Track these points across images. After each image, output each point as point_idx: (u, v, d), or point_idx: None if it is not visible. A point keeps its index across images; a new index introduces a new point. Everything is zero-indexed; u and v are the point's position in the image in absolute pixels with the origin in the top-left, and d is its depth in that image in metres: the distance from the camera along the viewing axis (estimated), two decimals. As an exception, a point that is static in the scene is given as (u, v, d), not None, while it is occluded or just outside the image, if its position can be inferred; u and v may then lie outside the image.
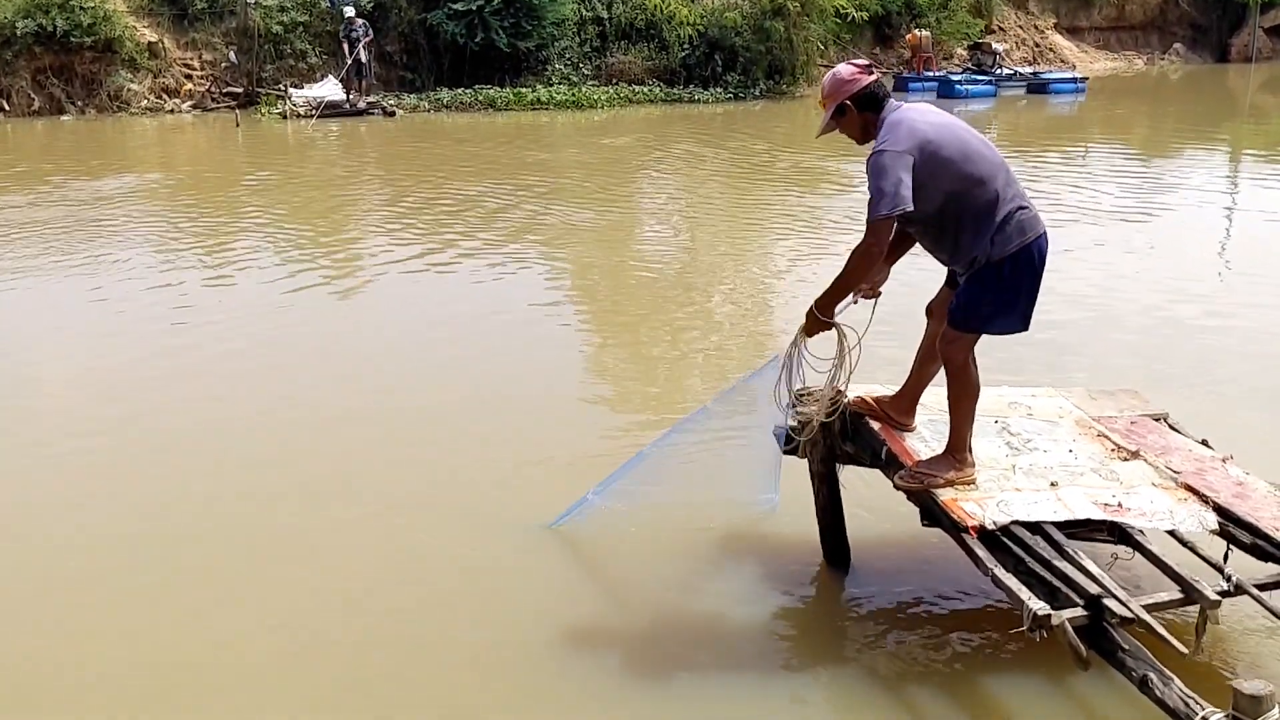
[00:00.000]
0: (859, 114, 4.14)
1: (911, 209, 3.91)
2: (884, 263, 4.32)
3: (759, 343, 8.25)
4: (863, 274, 4.09)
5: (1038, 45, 33.15)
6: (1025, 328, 4.22)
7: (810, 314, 4.18)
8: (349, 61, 21.74)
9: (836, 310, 4.18)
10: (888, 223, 3.94)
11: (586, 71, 24.94)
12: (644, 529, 5.04)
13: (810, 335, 4.24)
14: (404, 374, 7.41)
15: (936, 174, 3.97)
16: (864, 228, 4.01)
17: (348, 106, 21.65)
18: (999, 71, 28.07)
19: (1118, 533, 4.10)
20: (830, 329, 4.21)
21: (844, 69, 4.19)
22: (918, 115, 4.11)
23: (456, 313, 8.91)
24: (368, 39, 21.75)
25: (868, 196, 3.98)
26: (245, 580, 4.85)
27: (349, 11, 21.77)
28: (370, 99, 22.02)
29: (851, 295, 4.26)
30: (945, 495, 4.12)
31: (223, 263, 10.71)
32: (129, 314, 8.88)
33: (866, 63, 4.27)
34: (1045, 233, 4.13)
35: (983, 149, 4.09)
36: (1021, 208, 4.07)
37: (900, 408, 4.54)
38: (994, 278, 4.07)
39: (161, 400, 6.97)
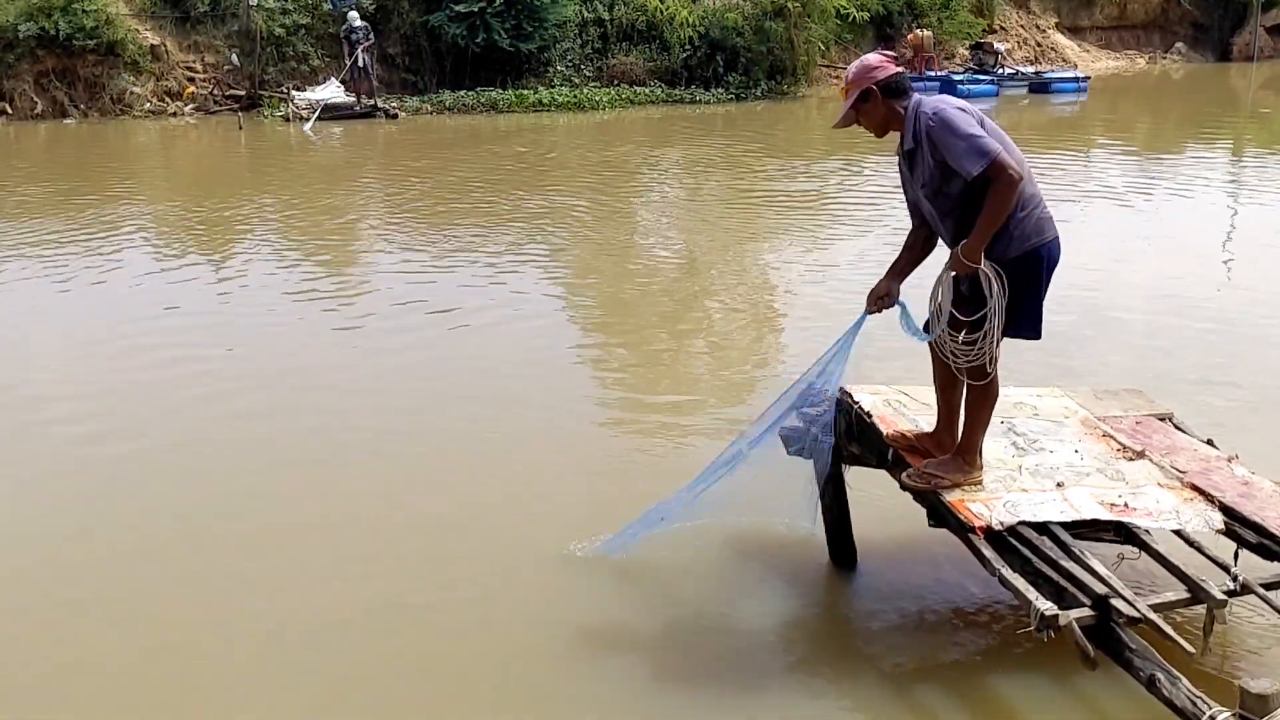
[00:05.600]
0: (884, 101, 4.10)
1: (999, 147, 3.85)
2: (896, 276, 4.33)
3: (770, 352, 8.27)
4: (1006, 210, 3.91)
5: (1039, 45, 33.09)
6: (1039, 334, 4.19)
7: (955, 258, 4.02)
8: (348, 65, 21.73)
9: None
10: (1001, 157, 3.83)
11: (588, 73, 24.96)
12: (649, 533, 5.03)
13: (960, 273, 4.07)
14: (413, 393, 7.24)
15: None
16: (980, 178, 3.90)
17: (355, 109, 21.65)
18: (1001, 71, 28.04)
19: (1124, 532, 4.11)
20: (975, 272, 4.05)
21: (872, 57, 4.18)
22: (953, 98, 4.13)
23: (464, 326, 8.73)
24: (368, 43, 21.73)
25: (952, 151, 3.89)
26: (264, 593, 4.86)
27: (353, 18, 21.73)
28: (372, 101, 22.04)
29: (870, 305, 4.29)
30: (952, 496, 4.13)
31: (227, 272, 10.74)
32: (131, 323, 8.85)
33: (894, 55, 4.25)
34: (1057, 237, 4.12)
35: (1011, 141, 4.06)
36: (1042, 206, 4.08)
37: (942, 444, 4.36)
38: (1011, 277, 4.04)
39: (174, 412, 6.99)
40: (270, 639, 4.50)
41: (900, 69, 4.14)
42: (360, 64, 21.74)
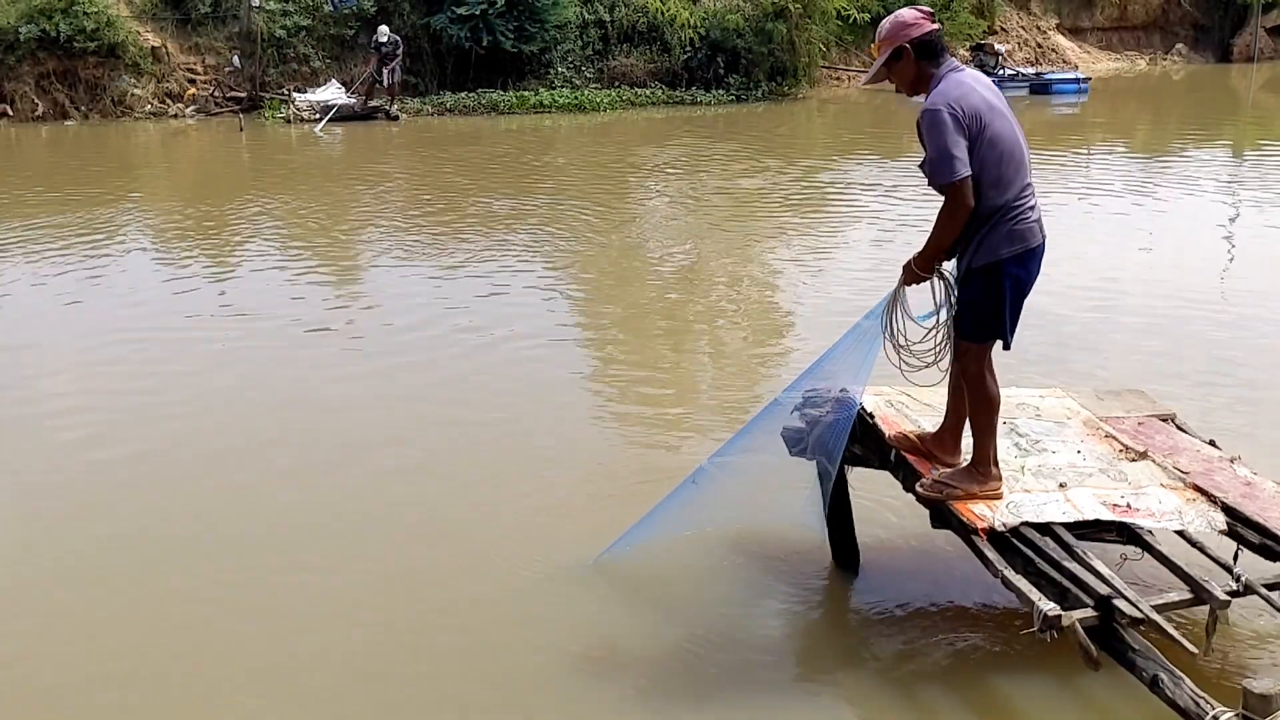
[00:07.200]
0: (915, 61, 4.01)
1: (969, 172, 3.83)
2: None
3: (772, 357, 8.28)
4: (953, 234, 3.97)
5: (1040, 46, 33.09)
6: (1006, 345, 4.13)
7: (908, 268, 4.13)
8: (369, 74, 21.78)
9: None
10: (963, 184, 3.84)
11: (589, 74, 24.95)
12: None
13: (908, 285, 4.20)
14: (414, 399, 7.14)
15: (971, 155, 3.87)
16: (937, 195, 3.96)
17: (356, 110, 21.65)
18: (1001, 72, 28.00)
19: (1126, 533, 4.11)
20: (926, 281, 4.16)
21: (907, 12, 4.06)
22: (979, 85, 3.99)
23: (464, 331, 8.64)
24: (398, 57, 21.82)
25: (927, 155, 3.91)
26: (265, 597, 4.88)
27: (383, 31, 21.76)
28: (374, 103, 22.04)
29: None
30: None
31: (228, 274, 10.74)
32: (131, 330, 8.80)
33: (930, 10, 4.12)
34: (1036, 248, 4.01)
35: (1017, 150, 3.97)
36: (1021, 219, 3.95)
37: (945, 445, 4.36)
38: (976, 285, 4.02)
39: (174, 413, 7.00)
40: (272, 642, 4.51)
41: (936, 25, 4.02)
42: (396, 79, 21.87)
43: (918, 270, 4.11)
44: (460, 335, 8.50)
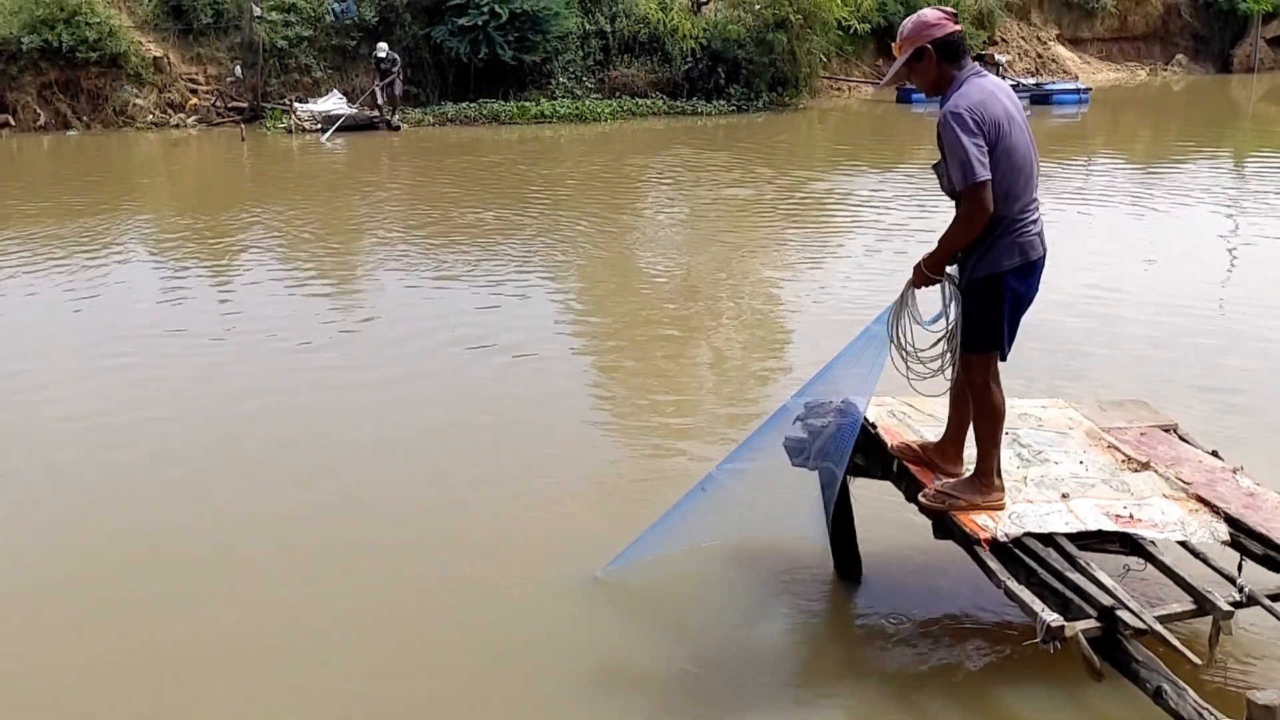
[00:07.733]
0: (937, 63, 3.98)
1: (989, 176, 3.81)
2: None
3: (774, 369, 8.27)
4: (969, 237, 3.93)
5: (1040, 56, 33.12)
6: (1002, 357, 4.13)
7: (918, 270, 4.10)
8: (376, 88, 21.85)
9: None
10: (983, 187, 3.81)
11: (590, 84, 24.99)
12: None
13: (918, 288, 4.18)
14: (415, 409, 7.13)
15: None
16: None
17: (358, 120, 21.68)
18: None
19: (1130, 544, 4.10)
20: (936, 284, 4.14)
21: (930, 12, 4.02)
22: (1000, 93, 3.95)
23: (465, 345, 8.55)
24: (396, 71, 21.91)
25: (946, 158, 3.88)
26: (264, 603, 4.88)
27: (383, 48, 21.89)
28: (374, 113, 22.08)
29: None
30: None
31: (229, 282, 10.75)
32: (129, 341, 8.79)
33: (953, 11, 4.10)
34: (1036, 261, 4.01)
35: (1028, 163, 3.96)
36: (1024, 231, 3.96)
37: (947, 455, 4.36)
38: (977, 296, 4.02)
39: (175, 419, 6.99)
40: (272, 649, 4.50)
41: (958, 26, 4.00)
42: (397, 91, 21.97)
43: (927, 272, 4.08)
44: (460, 345, 8.49)
